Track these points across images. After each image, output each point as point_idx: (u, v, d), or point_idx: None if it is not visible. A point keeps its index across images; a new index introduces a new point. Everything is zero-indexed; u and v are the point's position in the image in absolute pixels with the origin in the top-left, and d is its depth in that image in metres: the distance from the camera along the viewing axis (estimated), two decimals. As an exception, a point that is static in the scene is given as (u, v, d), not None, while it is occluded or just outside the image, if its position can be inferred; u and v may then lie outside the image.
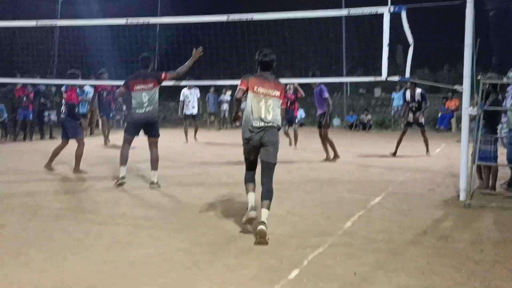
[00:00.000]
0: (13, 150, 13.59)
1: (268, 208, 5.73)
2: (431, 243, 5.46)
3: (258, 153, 5.97)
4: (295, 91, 15.95)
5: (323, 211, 6.88)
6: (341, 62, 24.19)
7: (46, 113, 16.48)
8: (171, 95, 28.00)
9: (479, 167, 7.97)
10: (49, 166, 10.07)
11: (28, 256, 4.88)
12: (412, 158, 12.29)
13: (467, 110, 7.28)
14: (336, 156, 11.95)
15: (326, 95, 11.77)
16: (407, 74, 8.04)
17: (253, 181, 6.07)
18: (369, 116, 22.29)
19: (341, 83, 25.43)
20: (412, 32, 8.00)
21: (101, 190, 8.13)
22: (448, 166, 10.94)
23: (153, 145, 8.65)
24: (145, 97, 8.40)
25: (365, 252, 5.13)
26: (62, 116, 9.99)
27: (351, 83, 25.53)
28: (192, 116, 16.54)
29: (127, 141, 8.63)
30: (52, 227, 5.97)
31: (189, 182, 9.06)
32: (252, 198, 5.93)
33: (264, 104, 5.91)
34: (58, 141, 15.25)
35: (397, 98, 21.62)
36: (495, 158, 7.90)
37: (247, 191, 6.01)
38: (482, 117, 7.29)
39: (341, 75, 23.12)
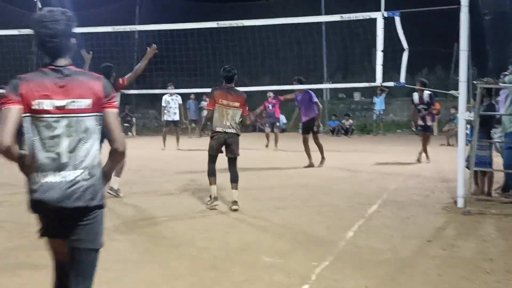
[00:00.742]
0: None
1: (237, 188, 7.46)
2: (438, 252, 5.36)
3: (220, 150, 7.53)
4: (276, 96, 16.25)
5: (321, 221, 6.75)
6: (320, 67, 24.19)
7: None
8: (150, 103, 27.78)
9: (475, 172, 7.91)
10: None
11: (24, 278, 4.65)
12: (401, 164, 12.25)
13: (463, 115, 7.23)
14: (323, 159, 11.91)
15: (316, 99, 11.70)
16: (402, 79, 7.97)
17: (215, 174, 7.56)
18: (350, 121, 22.29)
19: (320, 88, 25.39)
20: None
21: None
22: (438, 171, 10.93)
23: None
24: None
25: (372, 263, 5.01)
26: None
27: (330, 88, 25.53)
28: (174, 123, 16.33)
29: None
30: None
31: (181, 192, 8.87)
32: (215, 189, 7.53)
33: (225, 114, 7.42)
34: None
35: (378, 103, 21.66)
36: (490, 163, 7.87)
37: (211, 183, 7.54)
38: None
39: (321, 80, 23.15)
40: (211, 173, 7.59)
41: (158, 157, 14.35)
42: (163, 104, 16.22)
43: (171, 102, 16.06)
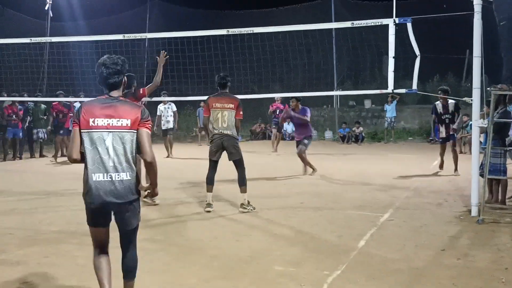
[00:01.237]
0: (3, 169, 13.24)
1: (245, 191, 7.76)
2: (452, 262, 5.28)
3: (219, 155, 7.78)
4: (283, 103, 16.45)
5: (333, 230, 6.67)
6: (330, 75, 24.10)
7: (35, 131, 16.11)
8: (155, 110, 27.77)
9: (489, 180, 7.78)
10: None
11: (35, 285, 4.61)
12: (413, 172, 12.10)
13: (477, 122, 7.13)
14: (313, 170, 11.71)
15: (309, 116, 11.51)
16: (414, 86, 7.89)
17: (212, 183, 7.85)
18: (361, 128, 22.16)
19: (330, 95, 25.33)
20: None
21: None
22: (451, 179, 10.80)
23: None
24: None
25: (385, 273, 4.93)
26: None
27: (340, 95, 25.43)
28: (167, 130, 16.32)
29: None
30: (54, 252, 5.70)
31: (190, 200, 8.81)
32: (210, 197, 7.86)
33: (221, 115, 7.69)
34: (47, 160, 15.12)
35: (390, 110, 21.51)
36: (504, 171, 7.74)
37: (208, 190, 7.86)
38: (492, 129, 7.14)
39: (331, 87, 23.06)
40: (209, 181, 7.87)
41: (165, 165, 14.31)
42: (158, 113, 16.31)
43: (164, 110, 16.19)
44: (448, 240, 6.16)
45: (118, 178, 3.75)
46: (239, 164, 7.81)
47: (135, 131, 3.81)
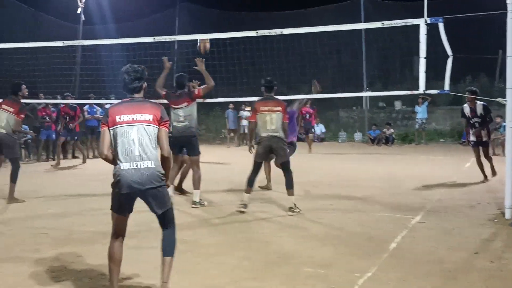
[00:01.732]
0: (37, 170, 13.48)
1: (293, 194, 7.77)
2: (485, 265, 5.19)
3: (266, 157, 7.99)
4: (312, 106, 16.44)
5: (363, 232, 6.63)
6: (360, 76, 23.95)
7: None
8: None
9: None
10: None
11: (68, 285, 4.68)
12: (444, 174, 11.95)
13: (511, 123, 7.00)
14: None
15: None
16: (446, 87, 7.78)
17: (252, 185, 7.88)
18: (392, 130, 21.96)
19: (359, 97, 25.19)
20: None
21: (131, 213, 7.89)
22: (483, 180, 10.62)
23: (194, 164, 8.57)
24: (181, 115, 8.38)
25: (417, 276, 4.87)
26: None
27: (370, 97, 25.24)
28: None
29: (175, 160, 8.52)
30: (87, 251, 5.78)
31: (219, 202, 8.84)
32: (246, 198, 7.84)
33: (269, 118, 7.73)
34: (80, 161, 15.34)
35: (420, 112, 21.27)
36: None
37: (246, 191, 7.84)
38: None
39: (361, 88, 22.90)
40: (250, 182, 7.87)
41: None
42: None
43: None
44: (481, 242, 6.07)
45: (143, 165, 4.17)
46: (286, 167, 7.88)
47: (157, 127, 4.28)
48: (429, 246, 5.90)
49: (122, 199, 4.21)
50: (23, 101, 9.18)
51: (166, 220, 4.41)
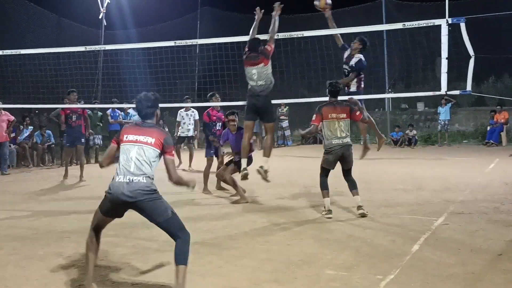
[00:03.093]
0: (61, 174, 13.63)
1: (359, 194, 7.76)
2: (510, 267, 5.12)
3: (335, 164, 7.83)
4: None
5: (386, 234, 6.59)
6: (382, 77, 23.78)
7: (91, 137, 16.55)
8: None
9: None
10: (206, 191, 10.12)
11: (91, 288, 4.73)
12: (467, 175, 11.81)
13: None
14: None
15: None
16: (469, 87, 7.70)
17: (328, 188, 7.82)
18: (414, 131, 21.76)
19: (381, 99, 25.04)
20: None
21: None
22: (508, 182, 10.48)
23: (269, 131, 8.87)
24: (255, 74, 8.46)
25: (440, 278, 4.83)
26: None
27: (392, 98, 25.05)
28: (187, 139, 15.13)
29: (247, 127, 8.70)
30: (110, 256, 5.83)
31: (241, 204, 8.84)
32: (328, 202, 7.75)
33: (338, 126, 7.73)
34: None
35: (443, 113, 21.07)
36: None
37: (324, 196, 7.78)
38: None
39: (383, 90, 22.75)
40: (325, 186, 7.85)
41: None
42: (178, 119, 15.10)
43: (186, 117, 14.90)
44: (505, 244, 5.98)
45: (135, 180, 4.48)
46: (350, 172, 7.91)
47: (158, 151, 4.61)
48: (453, 248, 5.84)
49: (109, 204, 4.61)
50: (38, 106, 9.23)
51: (172, 230, 4.62)
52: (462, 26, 7.47)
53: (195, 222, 7.44)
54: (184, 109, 14.97)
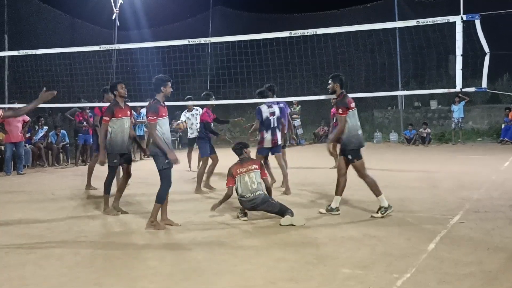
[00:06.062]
0: (75, 174, 13.74)
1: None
2: (527, 266, 5.08)
3: None
4: None
5: (401, 232, 6.56)
6: (395, 75, 23.66)
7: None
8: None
9: None
10: (209, 186, 10.47)
11: (106, 285, 4.77)
12: (482, 174, 11.72)
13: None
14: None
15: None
16: (484, 84, 7.65)
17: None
18: (428, 129, 21.62)
19: (394, 97, 24.93)
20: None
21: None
22: (524, 180, 10.40)
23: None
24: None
25: (457, 277, 4.81)
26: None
27: (405, 96, 24.92)
28: (194, 140, 13.58)
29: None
30: (127, 253, 5.87)
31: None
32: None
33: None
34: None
35: (457, 111, 20.93)
36: None
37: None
38: None
39: (396, 88, 22.66)
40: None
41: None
42: (183, 119, 13.86)
43: (192, 118, 13.63)
44: (523, 243, 5.95)
45: None
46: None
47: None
48: (469, 246, 5.81)
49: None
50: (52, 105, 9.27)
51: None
52: (477, 22, 7.42)
53: (210, 221, 7.47)
54: (186, 109, 13.97)
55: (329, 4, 26.79)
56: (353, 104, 7.69)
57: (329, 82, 7.88)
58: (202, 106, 11.40)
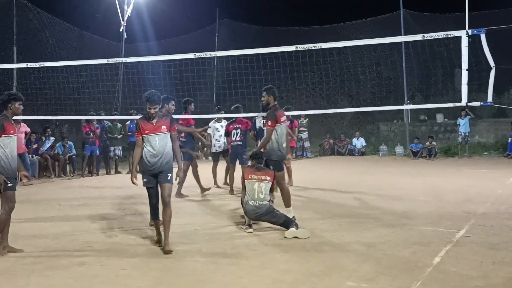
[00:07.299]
0: (81, 185, 13.79)
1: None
2: (533, 280, 5.07)
3: None
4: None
5: (406, 246, 6.55)
6: (401, 89, 23.68)
7: (111, 148, 16.75)
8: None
9: None
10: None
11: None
12: (488, 187, 11.70)
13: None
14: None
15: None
16: (490, 98, 7.67)
17: None
18: (434, 143, 21.59)
19: (400, 110, 24.94)
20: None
21: (173, 225, 7.95)
22: (529, 194, 10.37)
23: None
24: None
25: (462, 291, 4.79)
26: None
27: (411, 110, 24.92)
28: (222, 153, 12.68)
29: None
30: (132, 264, 5.89)
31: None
32: None
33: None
34: (123, 176, 15.59)
35: (463, 125, 20.91)
36: None
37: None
38: None
39: (402, 101, 22.68)
40: None
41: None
42: (210, 131, 12.78)
43: (221, 129, 12.54)
44: (529, 257, 5.93)
45: None
46: None
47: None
48: (474, 260, 5.80)
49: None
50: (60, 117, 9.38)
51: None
52: (483, 37, 7.46)
53: (215, 232, 7.49)
54: (214, 119, 12.96)
55: (335, 17, 26.94)
56: (283, 118, 7.85)
57: (263, 94, 8.04)
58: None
